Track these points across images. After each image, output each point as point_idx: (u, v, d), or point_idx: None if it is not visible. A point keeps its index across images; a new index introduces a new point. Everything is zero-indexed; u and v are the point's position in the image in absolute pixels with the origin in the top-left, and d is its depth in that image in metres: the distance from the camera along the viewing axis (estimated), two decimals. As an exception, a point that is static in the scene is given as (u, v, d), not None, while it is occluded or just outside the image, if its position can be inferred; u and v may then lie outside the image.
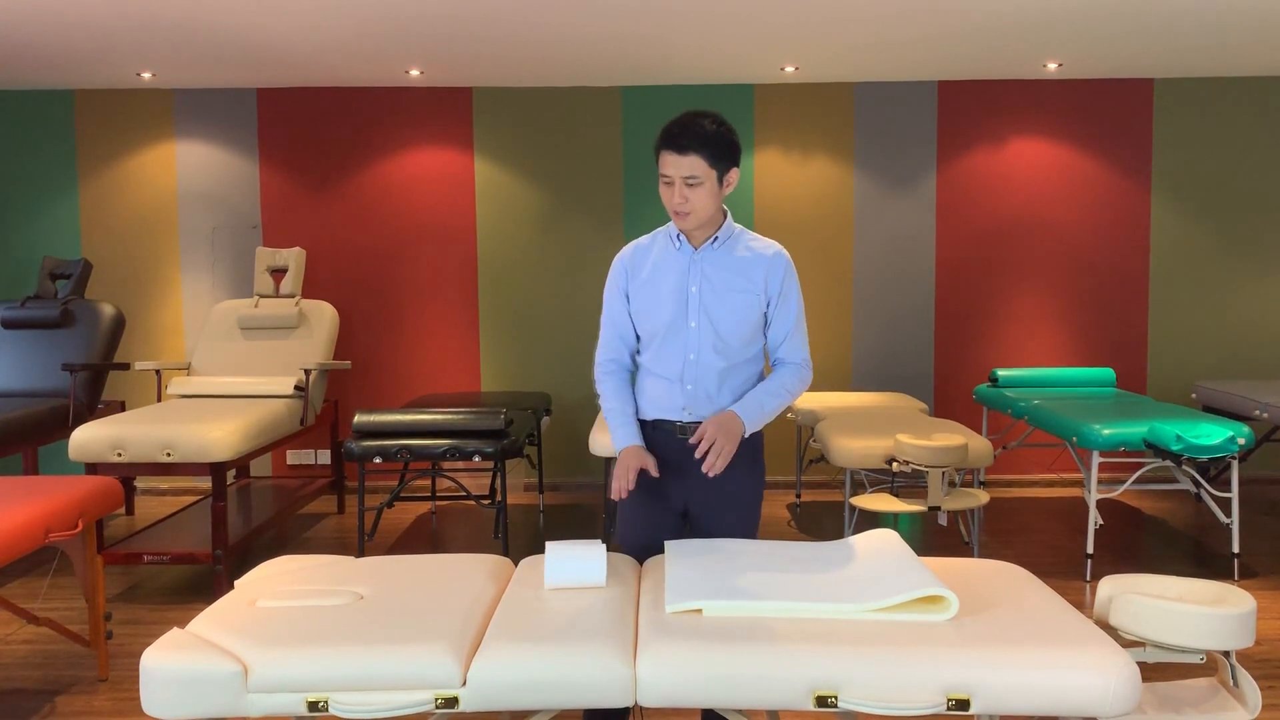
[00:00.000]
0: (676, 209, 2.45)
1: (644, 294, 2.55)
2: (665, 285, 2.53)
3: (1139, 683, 1.82)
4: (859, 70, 6.02)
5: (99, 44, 5.22)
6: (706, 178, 2.43)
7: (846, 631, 1.92)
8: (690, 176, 2.41)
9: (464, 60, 5.66)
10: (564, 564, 2.19)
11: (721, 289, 2.50)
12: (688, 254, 2.53)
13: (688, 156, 2.40)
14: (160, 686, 1.85)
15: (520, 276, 6.39)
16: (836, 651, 1.85)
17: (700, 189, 2.43)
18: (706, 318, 2.50)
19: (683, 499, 2.57)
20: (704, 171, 2.42)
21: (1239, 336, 6.41)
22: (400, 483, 4.81)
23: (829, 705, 1.83)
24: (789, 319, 2.55)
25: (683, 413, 2.55)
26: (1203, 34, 5.22)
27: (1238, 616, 2.01)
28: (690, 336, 2.51)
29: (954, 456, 4.18)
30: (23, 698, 3.38)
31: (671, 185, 2.44)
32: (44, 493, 3.19)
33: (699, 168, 2.41)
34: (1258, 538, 5.18)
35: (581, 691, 1.86)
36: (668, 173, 2.43)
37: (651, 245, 2.60)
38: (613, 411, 2.59)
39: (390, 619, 2.02)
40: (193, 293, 6.41)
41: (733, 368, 2.53)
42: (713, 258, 2.52)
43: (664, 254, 2.56)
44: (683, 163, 2.41)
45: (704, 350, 2.51)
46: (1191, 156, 6.36)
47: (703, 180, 2.42)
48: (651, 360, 2.58)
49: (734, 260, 2.52)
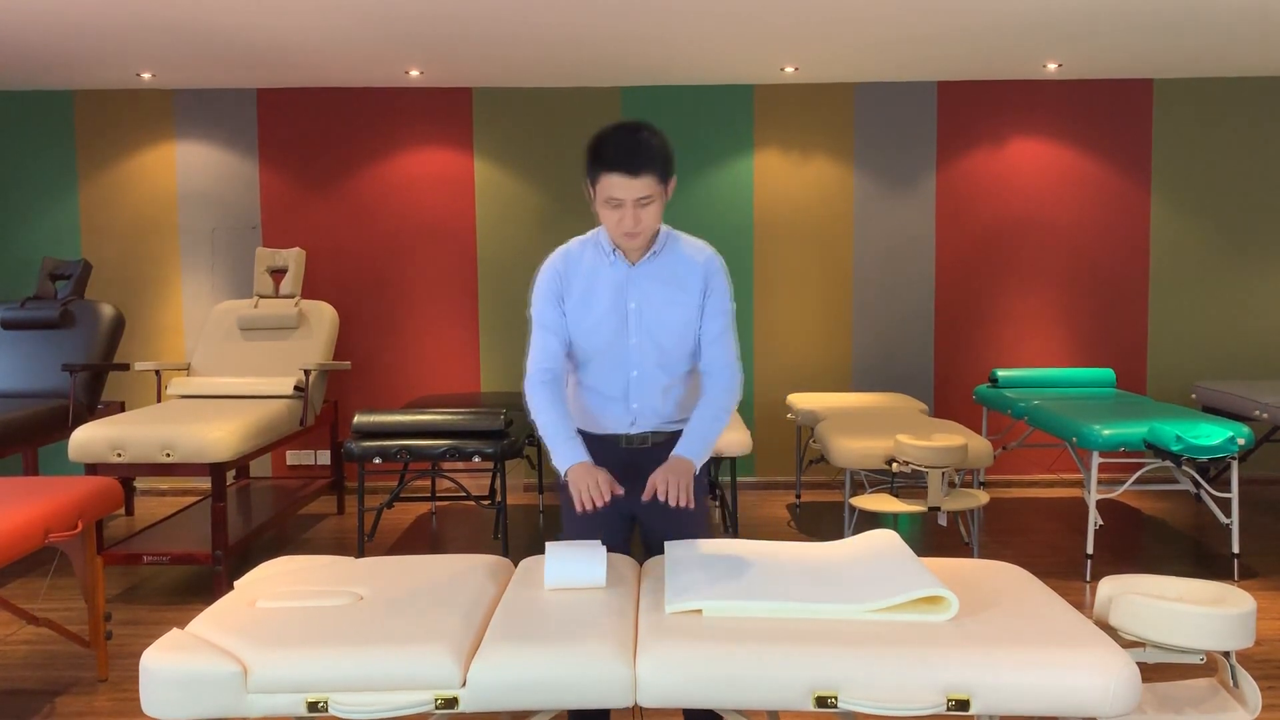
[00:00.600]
0: (628, 232, 2.32)
1: (579, 312, 2.44)
2: (602, 303, 2.42)
3: (1139, 683, 1.82)
4: (859, 70, 6.02)
5: (98, 44, 5.22)
6: (657, 195, 2.32)
7: (846, 632, 1.92)
8: (644, 197, 2.29)
9: (464, 60, 5.66)
10: (564, 564, 2.18)
11: (660, 303, 2.41)
12: (623, 269, 2.42)
13: (641, 178, 2.27)
14: (160, 687, 1.85)
15: (520, 277, 6.39)
16: (836, 652, 1.85)
17: (652, 207, 2.31)
18: (647, 334, 2.42)
19: (628, 503, 2.50)
20: (655, 190, 2.31)
21: (1239, 337, 6.42)
22: (400, 483, 4.80)
23: (829, 706, 1.83)
24: (717, 321, 2.45)
25: (630, 427, 2.50)
26: (1203, 34, 5.23)
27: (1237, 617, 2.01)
28: (631, 354, 2.44)
29: (954, 457, 4.18)
30: (23, 698, 3.38)
31: (621, 208, 2.30)
32: (44, 493, 3.19)
33: (651, 187, 2.29)
34: (1257, 538, 5.18)
35: (581, 692, 1.86)
36: (618, 196, 2.28)
37: (582, 256, 2.46)
38: (551, 426, 2.41)
39: (390, 619, 2.02)
40: (192, 293, 6.42)
41: (676, 379, 2.49)
42: (650, 271, 2.42)
43: (597, 268, 2.44)
44: (635, 185, 2.27)
45: (647, 366, 2.44)
46: (1191, 156, 6.36)
47: (654, 199, 2.31)
48: (591, 378, 2.50)
49: (671, 271, 2.43)
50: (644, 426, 2.49)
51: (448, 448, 4.40)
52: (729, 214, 6.37)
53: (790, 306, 6.42)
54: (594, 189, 2.34)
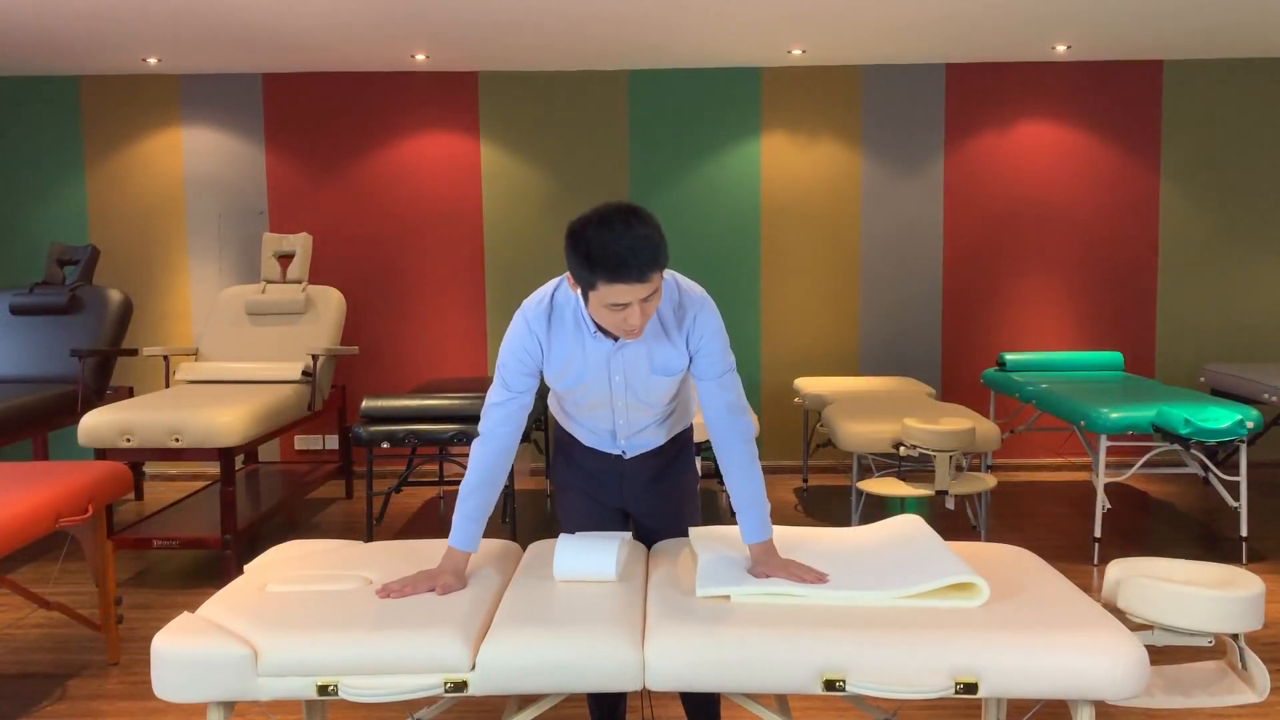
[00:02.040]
0: (633, 329, 2.12)
1: (559, 372, 2.29)
2: (585, 371, 2.28)
3: (1147, 666, 1.83)
4: (866, 53, 5.99)
5: (104, 29, 5.21)
6: (659, 283, 2.12)
7: (854, 616, 1.92)
8: (651, 293, 2.09)
9: (469, 44, 5.64)
10: (574, 557, 2.16)
11: (646, 371, 2.28)
12: (607, 346, 2.25)
13: (649, 280, 2.06)
14: (171, 670, 1.86)
15: (526, 260, 6.38)
16: (844, 636, 1.85)
17: (655, 296, 2.12)
18: (634, 395, 2.34)
19: (620, 500, 2.51)
20: (659, 280, 2.11)
21: (1248, 319, 6.39)
22: (408, 467, 4.82)
23: (837, 689, 1.83)
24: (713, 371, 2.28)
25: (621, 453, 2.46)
26: (1213, 14, 5.18)
27: (1246, 599, 2.01)
28: (618, 407, 2.36)
29: (961, 441, 4.18)
30: (35, 682, 3.40)
31: (627, 308, 2.08)
32: (54, 478, 3.20)
33: (656, 280, 2.09)
34: (1266, 521, 5.17)
35: (590, 676, 1.86)
36: (623, 301, 2.07)
37: (563, 322, 2.25)
38: (467, 502, 2.22)
39: (399, 603, 2.02)
40: (200, 278, 6.42)
41: (666, 414, 2.45)
42: (634, 347, 2.25)
43: (576, 339, 2.26)
44: (643, 287, 2.06)
45: (634, 412, 2.37)
46: (1201, 138, 6.32)
47: (659, 288, 2.12)
48: (578, 413, 2.42)
49: (655, 340, 2.26)
50: (634, 452, 2.46)
51: (455, 432, 4.41)
52: (736, 198, 6.35)
53: (797, 290, 6.40)
54: (588, 292, 2.11)
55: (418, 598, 2.05)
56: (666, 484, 2.51)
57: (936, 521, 5.23)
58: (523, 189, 6.37)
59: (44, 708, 3.20)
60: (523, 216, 6.38)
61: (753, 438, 2.29)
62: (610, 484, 2.49)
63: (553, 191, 6.36)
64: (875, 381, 5.66)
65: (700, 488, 2.53)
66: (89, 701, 3.24)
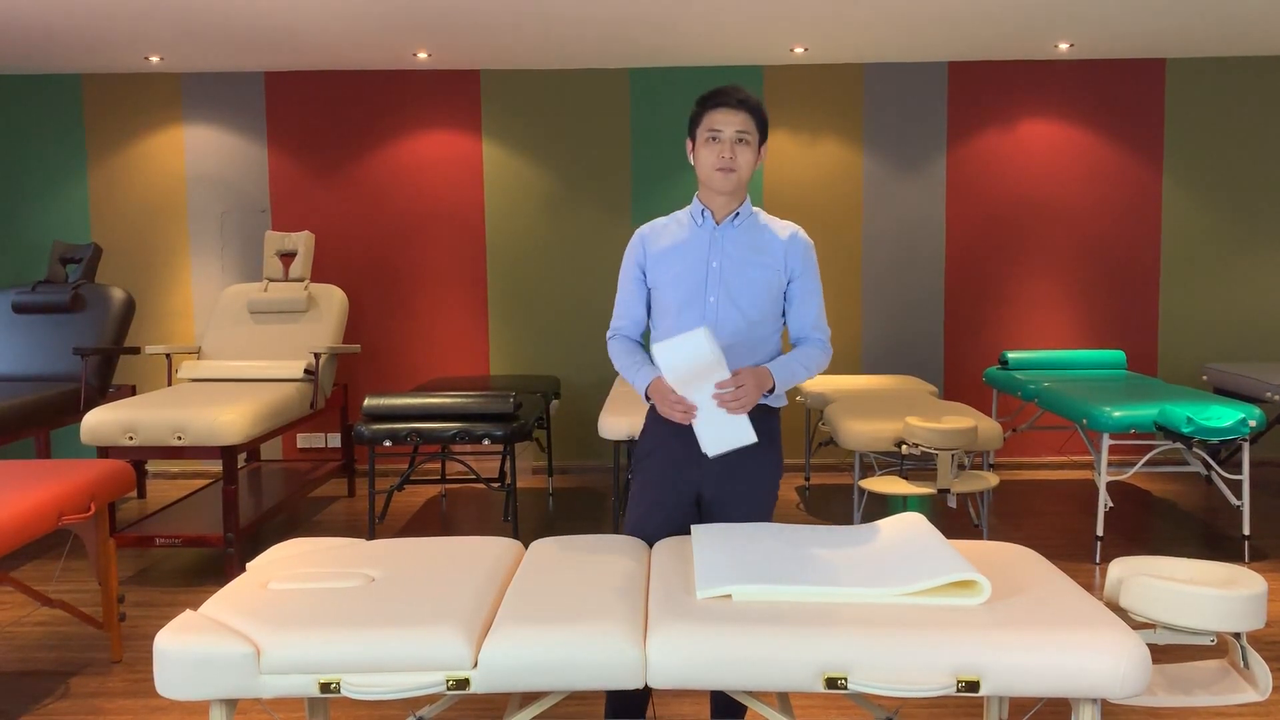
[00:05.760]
0: (723, 165, 2.42)
1: (661, 267, 2.52)
2: (684, 260, 2.50)
3: (1149, 664, 1.82)
4: (869, 51, 5.99)
5: (106, 28, 5.22)
6: (753, 139, 2.45)
7: (856, 614, 1.92)
8: (743, 131, 2.43)
9: (472, 42, 5.64)
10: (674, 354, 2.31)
11: (741, 264, 2.47)
12: (709, 229, 2.50)
13: (740, 113, 2.42)
14: (173, 668, 1.86)
15: (528, 259, 6.38)
16: (846, 634, 1.85)
17: (748, 149, 2.44)
18: (726, 292, 2.47)
19: (696, 488, 2.52)
20: (752, 132, 2.44)
21: (1250, 318, 6.38)
22: (410, 466, 4.82)
23: (839, 687, 1.83)
24: (811, 301, 2.53)
25: None
26: (1215, 13, 5.18)
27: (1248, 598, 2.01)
28: (708, 311, 2.47)
29: (963, 439, 4.17)
30: (37, 679, 3.41)
31: (719, 141, 2.43)
32: (56, 476, 3.20)
33: (749, 125, 2.43)
34: (1268, 520, 5.17)
35: (592, 673, 1.86)
36: (719, 127, 2.42)
37: (670, 222, 2.58)
38: (627, 355, 2.55)
39: (401, 601, 2.03)
40: (202, 277, 6.43)
41: (751, 344, 2.49)
42: (733, 235, 2.50)
43: (683, 230, 2.53)
44: (735, 118, 2.42)
45: (725, 312, 2.48)
46: (1203, 137, 6.31)
47: (750, 141, 2.44)
48: (668, 334, 2.51)
49: (754, 238, 2.50)
50: None
51: (457, 430, 4.41)
52: (738, 196, 6.34)
53: (799, 289, 6.39)
54: (695, 137, 2.48)
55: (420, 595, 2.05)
56: (749, 473, 2.53)
57: (938, 520, 5.23)
58: (525, 187, 6.37)
59: (46, 705, 3.21)
60: (525, 214, 6.38)
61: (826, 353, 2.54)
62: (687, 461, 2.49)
63: (555, 189, 6.36)
64: (877, 380, 5.66)
65: None
66: (91, 699, 3.25)
